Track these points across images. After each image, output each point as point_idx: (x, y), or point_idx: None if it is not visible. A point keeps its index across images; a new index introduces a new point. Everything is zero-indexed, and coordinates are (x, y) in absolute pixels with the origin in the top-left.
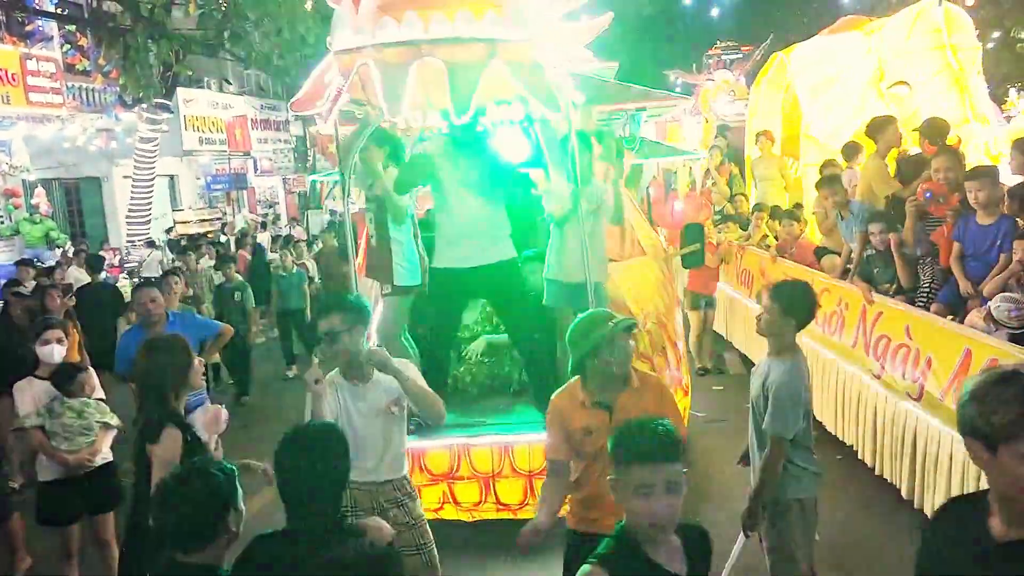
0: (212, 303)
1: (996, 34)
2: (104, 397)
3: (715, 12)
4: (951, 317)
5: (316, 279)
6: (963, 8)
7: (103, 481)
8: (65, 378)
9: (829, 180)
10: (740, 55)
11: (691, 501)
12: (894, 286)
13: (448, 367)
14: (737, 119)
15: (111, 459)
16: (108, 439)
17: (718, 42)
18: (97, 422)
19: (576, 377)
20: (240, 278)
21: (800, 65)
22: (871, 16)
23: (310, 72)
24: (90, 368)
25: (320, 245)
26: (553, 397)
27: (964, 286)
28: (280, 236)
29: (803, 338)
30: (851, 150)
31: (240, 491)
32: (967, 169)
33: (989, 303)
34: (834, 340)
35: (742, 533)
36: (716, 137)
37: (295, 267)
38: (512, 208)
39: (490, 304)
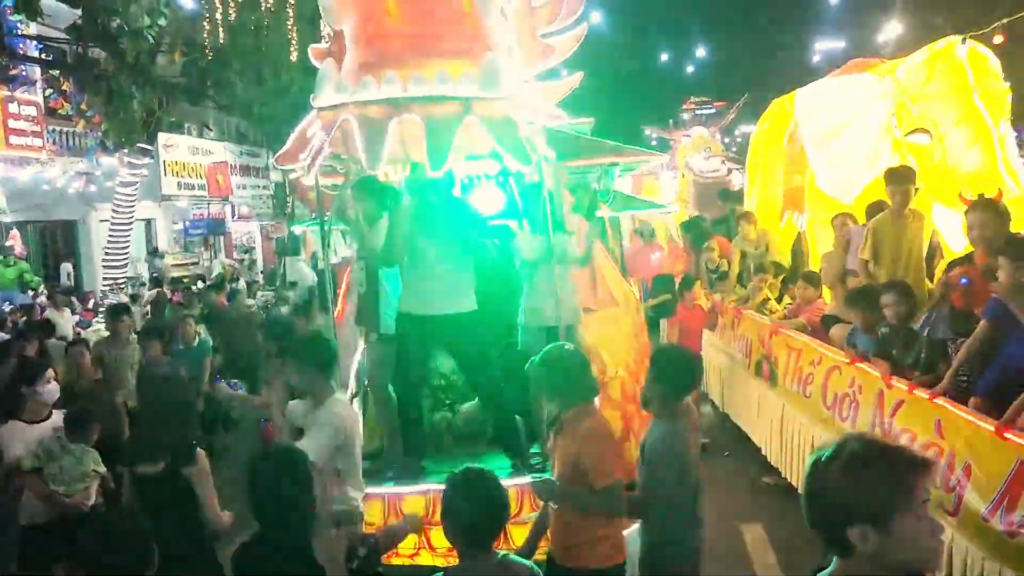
0: (135, 388)
1: None
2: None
3: (690, 69)
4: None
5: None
6: (989, 48)
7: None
8: (79, 424)
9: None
10: (713, 110)
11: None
12: (918, 372)
13: (422, 411)
14: (713, 175)
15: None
16: (95, 487)
17: (691, 98)
18: (93, 471)
19: None
20: (167, 357)
21: (805, 111)
22: (882, 59)
23: (292, 119)
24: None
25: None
26: None
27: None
28: (255, 282)
29: (813, 426)
30: (876, 210)
31: None
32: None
33: None
34: (846, 427)
35: None
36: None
37: (197, 338)
38: (487, 260)
39: (448, 353)
